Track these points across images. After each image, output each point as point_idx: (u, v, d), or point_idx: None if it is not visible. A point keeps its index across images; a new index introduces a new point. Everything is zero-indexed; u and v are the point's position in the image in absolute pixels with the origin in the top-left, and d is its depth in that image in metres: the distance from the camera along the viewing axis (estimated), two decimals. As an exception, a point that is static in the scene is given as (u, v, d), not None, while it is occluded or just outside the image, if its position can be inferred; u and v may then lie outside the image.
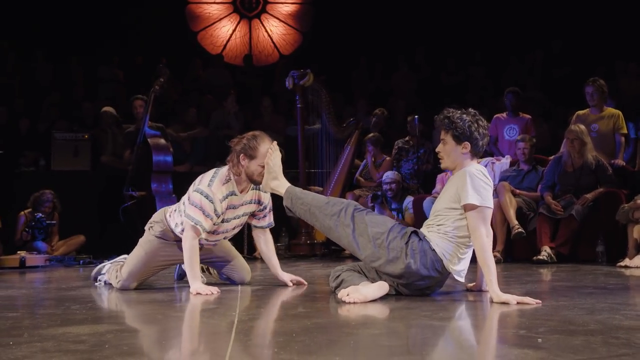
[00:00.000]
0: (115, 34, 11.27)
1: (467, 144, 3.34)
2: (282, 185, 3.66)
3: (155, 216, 4.07)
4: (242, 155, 3.77)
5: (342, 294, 3.23)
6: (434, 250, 3.31)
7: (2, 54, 10.45)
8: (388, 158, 7.81)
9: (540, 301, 3.14)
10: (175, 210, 3.95)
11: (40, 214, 7.15)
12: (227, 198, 3.80)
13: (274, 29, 12.88)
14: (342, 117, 8.37)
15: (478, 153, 3.41)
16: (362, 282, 3.32)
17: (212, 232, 3.86)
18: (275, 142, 3.81)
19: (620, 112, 6.77)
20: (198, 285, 3.62)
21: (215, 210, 3.71)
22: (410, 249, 3.28)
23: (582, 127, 6.29)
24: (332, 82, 10.36)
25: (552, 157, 6.60)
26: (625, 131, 6.76)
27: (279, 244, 7.28)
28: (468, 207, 3.25)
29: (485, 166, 6.97)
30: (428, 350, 2.11)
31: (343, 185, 7.58)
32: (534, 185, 6.49)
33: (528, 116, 7.44)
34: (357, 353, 2.07)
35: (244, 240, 7.27)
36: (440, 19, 11.44)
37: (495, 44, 10.98)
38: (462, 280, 3.46)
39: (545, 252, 5.89)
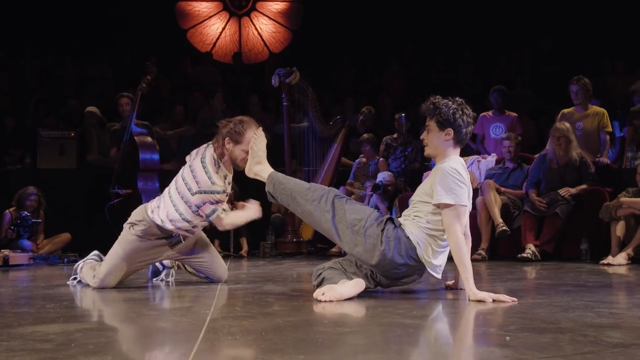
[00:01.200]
0: (104, 31, 11.24)
1: (450, 131, 3.33)
2: (265, 170, 3.63)
3: (136, 214, 4.02)
4: (227, 138, 3.80)
5: (317, 292, 3.23)
6: (408, 237, 3.30)
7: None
8: (382, 159, 7.76)
9: (517, 299, 3.13)
10: (157, 206, 3.93)
11: (26, 212, 7.13)
12: (225, 181, 3.89)
13: (264, 27, 12.86)
14: (330, 115, 8.37)
15: (462, 141, 3.40)
16: (340, 281, 3.31)
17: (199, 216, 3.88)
18: (260, 128, 3.82)
19: (605, 111, 6.79)
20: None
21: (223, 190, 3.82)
22: (385, 236, 3.27)
23: (567, 124, 6.31)
24: (321, 80, 10.38)
25: (537, 155, 6.61)
26: (609, 129, 6.78)
27: (266, 242, 7.29)
28: (442, 206, 3.24)
29: (471, 164, 6.99)
30: (393, 348, 2.10)
31: (330, 183, 7.56)
32: (519, 183, 6.51)
33: (514, 114, 7.45)
34: (322, 351, 2.06)
35: (229, 239, 7.27)
36: (430, 17, 11.44)
37: (484, 42, 10.99)
38: (438, 276, 3.44)
39: (530, 250, 5.90)
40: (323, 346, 2.14)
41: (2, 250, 6.52)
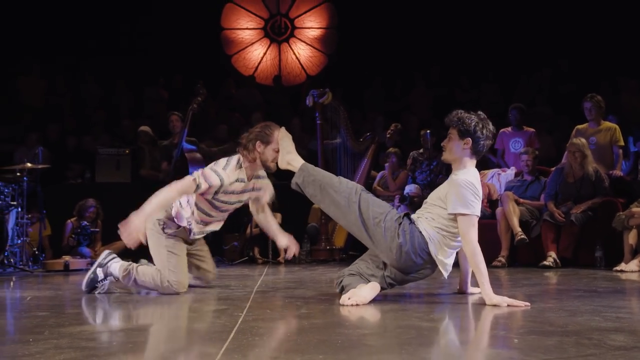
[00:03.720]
0: (158, 57, 11.44)
1: (469, 140, 3.31)
2: (297, 160, 3.60)
3: (163, 218, 3.92)
4: (257, 142, 3.76)
5: (343, 298, 3.22)
6: (421, 233, 3.29)
7: (54, 76, 10.69)
8: (404, 171, 7.77)
9: (529, 304, 3.09)
10: (180, 205, 3.88)
11: (85, 222, 7.27)
12: (236, 182, 3.81)
13: (302, 52, 12.94)
14: (361, 132, 8.36)
15: (479, 152, 3.36)
16: (358, 285, 3.30)
17: (213, 208, 3.85)
18: (283, 127, 3.80)
19: (617, 126, 6.67)
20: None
21: (222, 183, 3.71)
22: (402, 230, 3.27)
23: (583, 140, 6.21)
24: (353, 100, 10.40)
25: (554, 168, 6.52)
26: (622, 143, 6.65)
27: (302, 250, 7.30)
28: (457, 215, 3.23)
29: (492, 177, 6.93)
30: (407, 349, 2.09)
31: (360, 195, 7.55)
32: (537, 195, 6.42)
33: (532, 129, 7.36)
34: (340, 352, 2.05)
35: (268, 246, 7.30)
36: (455, 39, 11.39)
37: (506, 63, 10.89)
38: (446, 274, 3.40)
39: (551, 257, 5.82)
40: (342, 347, 2.13)
41: (63, 257, 6.67)
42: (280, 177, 8.16)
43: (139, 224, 3.49)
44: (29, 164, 6.65)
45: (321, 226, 7.37)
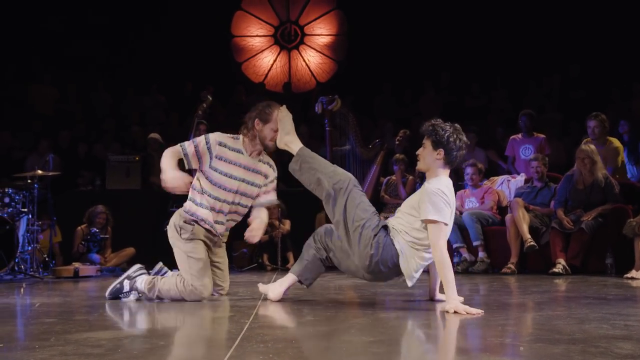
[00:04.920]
0: (168, 65, 11.50)
1: (442, 151, 3.36)
2: (295, 142, 3.67)
3: (177, 219, 3.91)
4: (257, 120, 3.80)
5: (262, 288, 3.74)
6: (394, 246, 3.39)
7: (65, 84, 10.78)
8: (411, 177, 7.76)
9: (482, 311, 3.08)
10: (191, 200, 3.90)
11: (95, 229, 7.30)
12: (225, 146, 3.82)
13: (311, 59, 12.98)
14: (371, 139, 8.35)
15: (452, 162, 3.41)
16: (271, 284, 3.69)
17: (218, 187, 3.82)
18: (284, 105, 3.82)
19: (622, 147, 6.65)
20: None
21: (207, 142, 3.77)
22: (377, 240, 3.37)
23: (592, 146, 6.18)
24: (363, 107, 10.41)
25: (564, 175, 6.49)
26: (617, 165, 6.65)
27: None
28: (428, 222, 3.28)
29: (501, 183, 6.91)
30: (412, 356, 2.08)
31: (370, 201, 7.53)
32: (547, 201, 6.39)
33: (542, 136, 7.33)
34: (345, 359, 2.04)
35: (277, 253, 7.30)
36: (465, 46, 11.38)
37: (516, 69, 10.87)
38: (410, 284, 3.48)
39: (560, 264, 5.78)
40: (346, 354, 2.12)
41: (73, 263, 6.70)
42: (290, 184, 8.17)
43: (171, 175, 3.71)
44: (39, 171, 6.70)
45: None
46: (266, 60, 12.95)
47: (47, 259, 6.96)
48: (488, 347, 2.32)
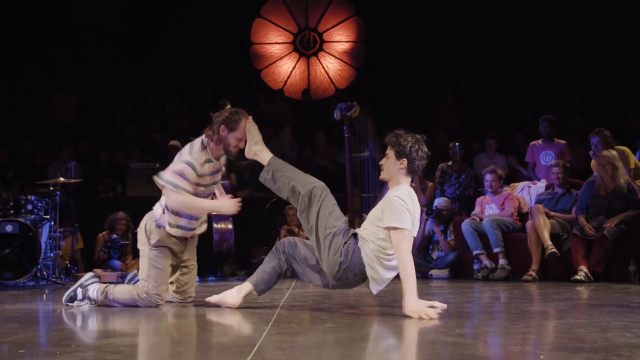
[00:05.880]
0: (188, 73, 11.58)
1: (405, 161, 3.50)
2: (264, 151, 3.78)
3: (148, 222, 3.98)
4: (223, 126, 3.80)
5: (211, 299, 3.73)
6: (360, 254, 3.49)
7: (86, 93, 10.92)
8: (431, 183, 7.73)
9: (445, 305, 3.29)
10: (162, 207, 3.94)
11: (116, 235, 7.36)
12: (206, 163, 3.85)
13: (330, 66, 12.99)
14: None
15: (414, 171, 3.55)
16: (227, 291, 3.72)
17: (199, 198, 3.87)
18: (250, 117, 3.86)
19: (627, 149, 6.59)
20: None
21: (195, 173, 3.76)
22: (346, 248, 3.50)
23: (614, 152, 6.10)
24: (383, 113, 10.40)
25: (586, 181, 6.42)
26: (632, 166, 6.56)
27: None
28: (390, 228, 3.37)
29: (522, 190, 6.86)
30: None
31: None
32: (568, 208, 6.32)
33: (563, 142, 7.27)
34: (363, 366, 2.04)
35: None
36: (484, 51, 11.33)
37: (536, 74, 10.80)
38: (375, 292, 3.57)
39: (582, 271, 5.71)
40: (364, 362, 2.12)
41: (94, 270, 6.74)
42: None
43: (222, 204, 3.95)
44: (61, 179, 6.77)
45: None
46: (285, 67, 12.99)
47: (68, 265, 7.02)
48: (509, 356, 2.30)
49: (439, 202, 7.18)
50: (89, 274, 4.13)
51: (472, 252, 6.52)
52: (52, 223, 6.65)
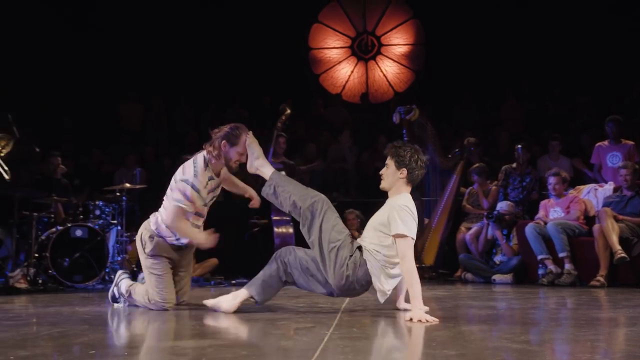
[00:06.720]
0: (247, 79, 11.74)
1: (404, 171, 3.62)
2: (266, 166, 3.83)
3: (145, 230, 4.07)
4: (224, 141, 3.86)
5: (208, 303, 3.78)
6: (366, 265, 3.57)
7: (150, 101, 11.20)
8: (494, 187, 7.62)
9: (437, 319, 3.21)
10: (158, 218, 4.03)
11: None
12: (209, 181, 3.92)
13: (389, 69, 12.95)
14: (451, 149, 8.24)
15: (414, 180, 3.66)
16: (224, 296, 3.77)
17: (196, 214, 3.98)
18: (251, 132, 3.91)
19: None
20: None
21: (199, 196, 3.87)
22: (352, 261, 3.57)
23: (686, 152, 5.87)
24: (443, 116, 10.30)
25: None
26: None
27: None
28: (397, 236, 3.47)
29: (588, 192, 6.67)
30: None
31: (449, 212, 7.44)
32: (638, 211, 6.11)
33: (631, 142, 7.03)
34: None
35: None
36: (546, 50, 11.09)
37: (602, 73, 10.48)
38: (381, 301, 3.66)
39: (655, 277, 5.51)
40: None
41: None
42: (369, 195, 8.14)
43: (203, 238, 3.99)
44: (127, 185, 6.97)
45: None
46: (343, 72, 13.02)
47: (135, 269, 7.19)
48: (576, 364, 2.24)
49: (502, 206, 7.05)
50: (120, 271, 4.32)
51: (536, 257, 6.37)
52: (119, 228, 6.85)
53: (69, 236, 6.49)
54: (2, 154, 5.90)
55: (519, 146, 7.49)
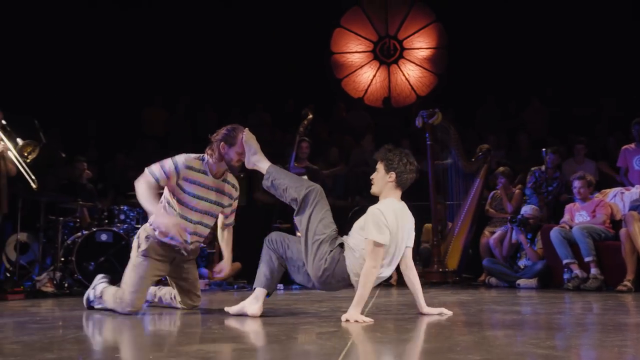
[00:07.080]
0: (270, 84, 11.79)
1: (393, 175, 3.64)
2: (262, 161, 3.88)
3: (142, 231, 4.12)
4: (222, 143, 3.94)
5: (231, 309, 3.82)
6: (344, 262, 3.61)
7: (174, 106, 11.29)
8: (518, 190, 7.56)
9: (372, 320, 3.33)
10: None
11: (203, 244, 7.55)
12: (192, 169, 3.98)
13: (411, 73, 12.93)
14: (474, 152, 8.20)
15: (403, 185, 3.67)
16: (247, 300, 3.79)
17: (184, 206, 3.99)
18: (247, 129, 3.95)
19: None
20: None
21: (176, 171, 3.93)
22: (332, 256, 3.62)
23: None
24: (466, 120, 10.24)
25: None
26: None
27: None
28: (368, 240, 3.50)
29: (614, 196, 6.59)
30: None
31: (473, 216, 7.39)
32: (665, 215, 6.00)
33: (658, 145, 6.93)
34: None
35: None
36: (571, 53, 10.99)
37: (628, 75, 10.35)
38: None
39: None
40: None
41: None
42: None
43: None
44: (151, 189, 7.01)
45: (433, 248, 7.26)
46: (366, 76, 13.02)
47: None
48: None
49: (526, 210, 6.98)
50: (99, 276, 4.34)
51: (561, 261, 6.30)
52: (143, 232, 6.90)
53: (94, 240, 6.57)
54: (28, 160, 5.98)
55: (550, 151, 7.42)
